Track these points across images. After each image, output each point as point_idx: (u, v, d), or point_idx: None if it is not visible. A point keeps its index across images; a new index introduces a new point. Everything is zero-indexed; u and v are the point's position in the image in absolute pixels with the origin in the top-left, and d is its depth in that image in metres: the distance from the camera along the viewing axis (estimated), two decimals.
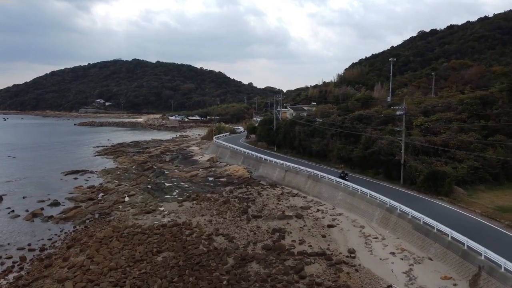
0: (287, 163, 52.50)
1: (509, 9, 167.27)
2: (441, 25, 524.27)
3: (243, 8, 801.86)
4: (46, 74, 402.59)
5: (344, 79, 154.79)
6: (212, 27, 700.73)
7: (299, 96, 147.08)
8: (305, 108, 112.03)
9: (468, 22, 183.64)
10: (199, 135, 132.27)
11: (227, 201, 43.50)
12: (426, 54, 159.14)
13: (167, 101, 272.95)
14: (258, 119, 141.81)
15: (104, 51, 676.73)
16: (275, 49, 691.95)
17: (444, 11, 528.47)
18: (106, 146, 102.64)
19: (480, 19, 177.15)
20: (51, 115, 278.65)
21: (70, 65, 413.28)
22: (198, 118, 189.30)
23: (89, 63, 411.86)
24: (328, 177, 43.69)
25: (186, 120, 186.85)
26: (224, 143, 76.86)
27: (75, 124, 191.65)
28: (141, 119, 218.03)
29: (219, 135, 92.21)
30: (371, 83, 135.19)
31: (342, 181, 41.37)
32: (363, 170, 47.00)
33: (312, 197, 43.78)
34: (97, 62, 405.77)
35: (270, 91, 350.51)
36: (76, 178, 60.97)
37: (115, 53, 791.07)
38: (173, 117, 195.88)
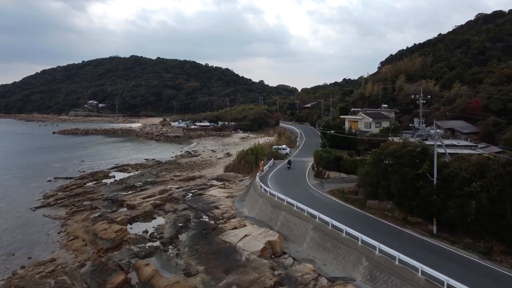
0: None
1: None
2: (442, 21, 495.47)
3: (241, 6, 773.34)
4: (37, 73, 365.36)
5: (400, 72, 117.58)
6: (210, 26, 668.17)
7: (349, 96, 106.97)
8: (384, 113, 72.55)
9: None
10: (213, 151, 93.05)
11: None
12: (506, 39, 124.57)
13: (169, 102, 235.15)
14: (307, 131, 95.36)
15: (103, 50, 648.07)
16: (275, 47, 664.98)
17: (444, 7, 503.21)
18: (69, 178, 63.59)
19: None
20: (37, 119, 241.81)
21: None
22: (208, 124, 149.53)
23: (83, 61, 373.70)
24: None
25: (193, 127, 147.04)
26: (290, 200, 33.32)
27: (54, 133, 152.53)
28: (137, 125, 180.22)
29: (262, 170, 49.95)
30: (447, 77, 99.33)
31: None
32: None
33: None
34: (92, 60, 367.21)
35: (284, 90, 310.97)
36: None
37: (115, 53, 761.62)
38: (176, 123, 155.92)
